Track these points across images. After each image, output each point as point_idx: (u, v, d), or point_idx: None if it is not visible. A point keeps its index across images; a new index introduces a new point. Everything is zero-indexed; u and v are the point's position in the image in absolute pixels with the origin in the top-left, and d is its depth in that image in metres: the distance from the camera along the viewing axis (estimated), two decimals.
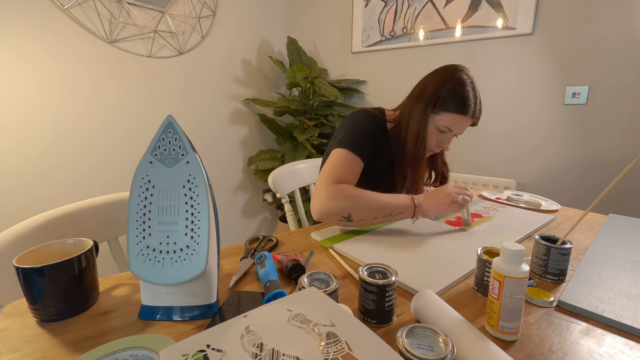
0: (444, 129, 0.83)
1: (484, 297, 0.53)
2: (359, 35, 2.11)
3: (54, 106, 1.47)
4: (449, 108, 0.81)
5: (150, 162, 0.46)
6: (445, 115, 0.82)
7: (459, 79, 0.81)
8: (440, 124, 0.83)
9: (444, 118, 0.82)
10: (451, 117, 0.81)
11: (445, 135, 0.85)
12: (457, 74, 0.81)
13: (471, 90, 0.81)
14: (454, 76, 0.81)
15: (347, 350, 0.30)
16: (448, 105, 0.81)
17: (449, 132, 0.84)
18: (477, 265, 0.54)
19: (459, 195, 0.79)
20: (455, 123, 0.82)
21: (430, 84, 0.83)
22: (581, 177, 1.54)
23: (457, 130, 0.84)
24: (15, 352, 0.40)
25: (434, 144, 0.86)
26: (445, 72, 0.83)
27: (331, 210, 0.73)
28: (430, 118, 0.83)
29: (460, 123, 0.82)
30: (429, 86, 0.83)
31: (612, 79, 1.42)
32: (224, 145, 2.17)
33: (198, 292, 0.47)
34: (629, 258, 0.64)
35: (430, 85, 0.83)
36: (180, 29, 1.83)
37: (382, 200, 0.75)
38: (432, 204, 0.78)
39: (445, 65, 0.85)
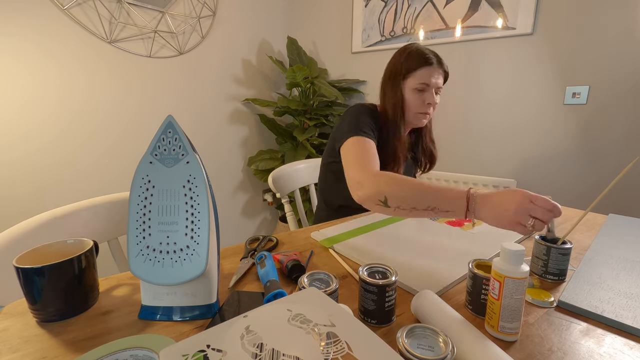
0: (420, 86, 0.91)
1: (478, 316, 0.48)
2: (359, 35, 2.11)
3: (53, 106, 1.47)
4: (414, 67, 0.90)
5: (150, 162, 0.46)
6: (414, 74, 0.91)
7: (412, 47, 0.93)
8: (414, 84, 0.91)
9: (414, 77, 0.91)
10: (419, 72, 0.90)
11: (426, 93, 0.92)
12: (409, 45, 0.94)
13: (426, 48, 0.93)
14: (406, 47, 0.94)
15: (347, 350, 0.30)
16: (411, 65, 0.90)
17: (427, 86, 0.91)
18: (471, 282, 0.49)
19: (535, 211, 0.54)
20: (426, 75, 0.90)
21: (391, 62, 0.96)
22: (581, 177, 1.54)
23: (432, 81, 0.91)
24: (15, 352, 0.40)
25: (421, 105, 0.93)
26: (399, 49, 0.96)
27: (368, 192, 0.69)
28: (404, 86, 0.93)
29: (430, 73, 0.90)
30: (390, 64, 0.96)
31: (612, 79, 1.42)
32: (224, 145, 2.17)
33: (198, 292, 0.47)
34: (629, 258, 0.64)
35: (391, 63, 0.96)
36: (180, 29, 1.83)
37: (427, 187, 0.63)
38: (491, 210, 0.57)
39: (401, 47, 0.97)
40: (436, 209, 0.62)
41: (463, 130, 1.84)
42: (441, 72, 0.92)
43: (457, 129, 1.85)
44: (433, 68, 0.90)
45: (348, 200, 0.91)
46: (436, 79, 0.91)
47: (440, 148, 1.89)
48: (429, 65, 0.90)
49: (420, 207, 0.63)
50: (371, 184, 0.70)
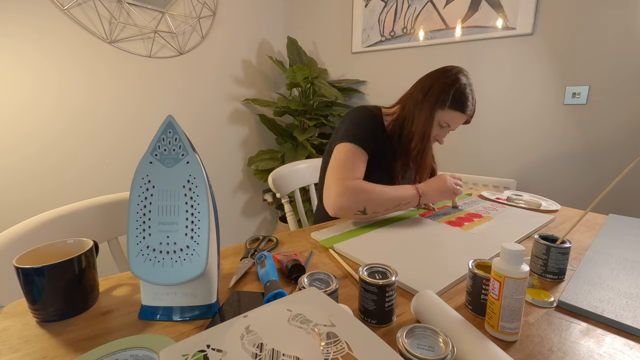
0: (444, 124, 0.91)
1: (478, 317, 0.48)
2: (359, 35, 2.11)
3: (52, 107, 1.47)
4: (453, 106, 0.88)
5: (150, 162, 0.46)
6: (449, 112, 0.89)
7: (463, 81, 0.90)
8: (442, 119, 0.90)
9: (447, 115, 0.90)
10: (453, 114, 0.90)
11: (443, 130, 0.94)
12: (461, 76, 0.90)
13: (471, 92, 0.91)
14: (459, 78, 0.89)
15: (347, 350, 0.30)
16: (453, 103, 0.88)
17: (447, 127, 0.92)
18: (471, 282, 0.49)
19: (457, 185, 0.91)
20: (455, 120, 0.91)
21: (437, 83, 0.89)
22: (581, 177, 1.54)
23: (455, 126, 0.93)
24: (15, 352, 0.40)
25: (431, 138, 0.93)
26: (451, 73, 0.90)
27: (347, 206, 0.79)
28: (436, 114, 0.90)
29: (459, 120, 0.92)
30: (436, 86, 0.89)
31: (612, 79, 1.42)
32: (224, 145, 2.17)
33: (198, 292, 0.47)
34: (629, 258, 0.64)
35: (437, 85, 0.89)
36: (180, 29, 1.83)
37: (392, 193, 0.82)
38: (435, 193, 0.88)
39: (449, 66, 0.92)
40: (400, 205, 0.84)
41: (463, 130, 1.84)
42: (467, 120, 0.94)
43: (458, 129, 1.85)
44: (465, 117, 0.91)
45: None
46: (459, 125, 0.93)
47: (441, 148, 1.90)
48: (464, 114, 0.90)
49: (390, 207, 0.82)
50: (348, 198, 0.79)
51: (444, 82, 0.88)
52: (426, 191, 0.87)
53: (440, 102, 0.88)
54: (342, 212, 0.79)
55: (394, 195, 0.82)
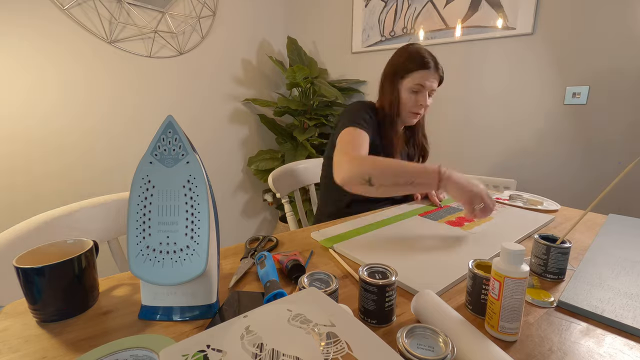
0: (415, 87, 0.96)
1: (478, 317, 0.48)
2: (359, 35, 2.11)
3: (52, 107, 1.47)
4: (412, 68, 0.95)
5: (150, 163, 0.46)
6: (411, 75, 0.96)
7: (412, 48, 0.98)
8: (410, 85, 0.96)
9: (411, 78, 0.96)
10: (416, 75, 0.95)
11: (420, 94, 0.97)
12: (411, 45, 0.99)
13: (425, 50, 0.97)
14: (407, 47, 0.99)
15: (347, 351, 0.30)
16: (410, 66, 0.95)
17: (422, 88, 0.96)
18: (471, 282, 0.49)
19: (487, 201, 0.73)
20: (422, 78, 0.95)
21: (391, 60, 1.01)
22: (581, 177, 1.54)
23: (427, 84, 0.96)
24: (15, 352, 0.40)
25: (414, 105, 0.98)
26: (401, 48, 1.00)
27: (353, 174, 0.77)
28: (401, 85, 0.98)
29: (426, 76, 0.95)
30: (390, 62, 1.01)
31: (612, 79, 1.42)
32: (224, 145, 2.17)
33: (198, 292, 0.47)
34: (629, 258, 0.64)
35: (391, 61, 1.01)
36: (180, 29, 1.83)
37: (404, 164, 0.78)
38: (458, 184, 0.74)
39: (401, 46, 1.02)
40: (414, 182, 0.74)
41: (463, 130, 1.84)
42: (437, 76, 0.98)
43: (458, 129, 1.86)
44: (429, 72, 0.95)
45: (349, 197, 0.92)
46: (431, 82, 0.96)
47: (441, 148, 1.90)
48: (426, 69, 0.95)
49: (401, 182, 0.75)
50: (355, 166, 0.78)
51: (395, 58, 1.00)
52: (451, 176, 0.74)
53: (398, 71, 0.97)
54: (349, 180, 0.78)
55: (407, 165, 0.77)
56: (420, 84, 0.96)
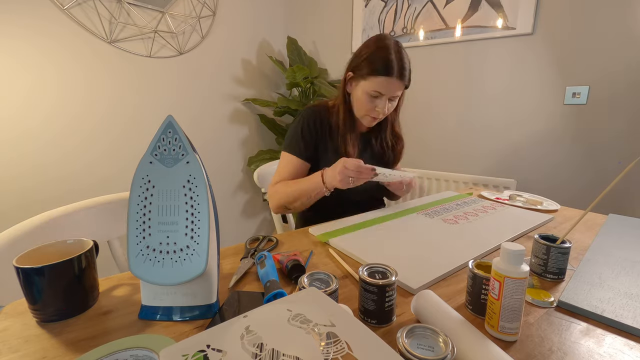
0: (374, 93, 0.86)
1: (478, 317, 0.48)
2: (359, 35, 2.11)
3: (53, 107, 1.47)
4: (373, 72, 0.84)
5: (150, 162, 0.46)
6: (371, 79, 0.85)
7: (381, 44, 0.85)
8: (369, 88, 0.86)
9: (371, 82, 0.85)
10: (376, 80, 0.84)
11: (379, 100, 0.87)
12: (379, 40, 0.86)
13: (393, 52, 0.84)
14: (376, 43, 0.86)
15: (347, 350, 0.30)
16: (371, 68, 0.84)
17: (381, 95, 0.86)
18: (471, 282, 0.49)
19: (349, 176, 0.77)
20: (382, 85, 0.85)
21: (356, 55, 0.90)
22: (581, 177, 1.54)
23: (386, 92, 0.86)
24: (15, 352, 0.40)
25: (371, 109, 0.89)
26: (370, 41, 0.88)
27: (275, 206, 0.93)
28: (360, 85, 0.88)
29: (386, 85, 0.84)
30: (354, 58, 0.90)
31: (612, 79, 1.42)
32: (224, 145, 2.17)
33: (198, 292, 0.47)
34: (629, 258, 0.64)
35: (356, 56, 0.90)
36: (180, 29, 1.83)
37: (300, 187, 0.88)
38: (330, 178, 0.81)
39: (373, 36, 0.90)
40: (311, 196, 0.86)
41: (463, 130, 1.84)
42: (401, 84, 0.86)
43: (457, 129, 1.85)
44: (391, 80, 0.84)
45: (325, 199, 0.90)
46: (392, 90, 0.86)
47: (441, 148, 1.90)
48: (389, 76, 0.83)
49: (304, 200, 0.87)
50: (272, 199, 0.93)
51: (362, 48, 0.88)
52: (325, 175, 0.83)
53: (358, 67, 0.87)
54: (275, 210, 0.95)
55: (301, 188, 0.87)
56: (378, 92, 0.85)
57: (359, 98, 0.89)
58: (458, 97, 1.82)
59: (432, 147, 1.95)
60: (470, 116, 1.80)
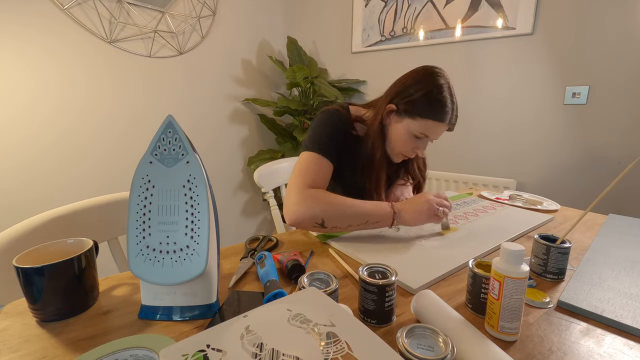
0: (420, 135, 0.80)
1: (479, 316, 0.48)
2: (359, 35, 2.11)
3: (53, 106, 1.47)
4: (426, 114, 0.77)
5: (150, 162, 0.46)
6: (421, 121, 0.78)
7: (437, 84, 0.77)
8: (415, 129, 0.79)
9: (420, 124, 0.78)
10: (427, 123, 0.78)
11: (421, 141, 0.82)
12: (434, 79, 0.78)
13: (448, 96, 0.78)
14: (431, 81, 0.78)
15: (347, 350, 0.30)
16: (425, 111, 0.77)
17: (425, 138, 0.81)
18: (471, 281, 0.49)
19: (440, 206, 0.73)
20: (431, 129, 0.79)
21: (405, 87, 0.80)
22: (581, 177, 1.54)
23: (432, 136, 0.81)
24: (15, 352, 0.40)
25: (409, 150, 0.83)
26: (423, 77, 0.79)
27: (304, 216, 0.70)
28: (405, 122, 0.80)
29: (435, 129, 0.80)
30: (404, 89, 0.80)
31: (612, 79, 1.42)
32: (224, 145, 2.17)
33: (198, 292, 0.47)
34: (629, 258, 0.64)
35: (406, 88, 0.80)
36: (180, 29, 1.83)
37: (359, 207, 0.72)
38: (411, 214, 0.73)
39: (423, 68, 0.81)
40: (368, 222, 0.72)
41: (463, 130, 1.84)
42: (448, 128, 0.82)
43: (457, 129, 1.85)
44: (443, 125, 0.79)
45: None
46: (438, 134, 0.82)
47: (441, 148, 1.90)
48: (441, 122, 0.78)
49: (354, 224, 0.72)
50: (306, 208, 0.71)
51: (414, 88, 0.79)
52: (401, 210, 0.73)
53: (409, 103, 0.78)
54: (299, 223, 0.71)
55: (361, 209, 0.71)
56: (425, 134, 0.80)
57: (399, 136, 0.81)
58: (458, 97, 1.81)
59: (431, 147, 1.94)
60: (469, 116, 1.80)
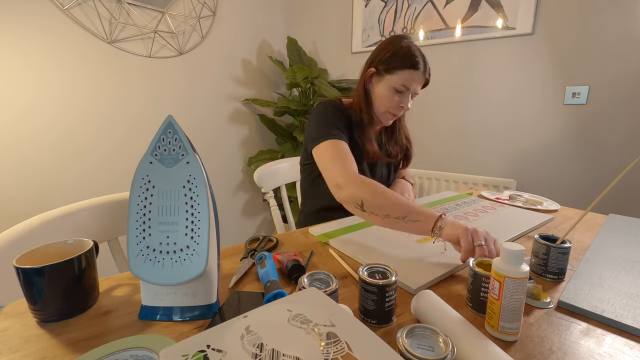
0: (400, 87, 0.87)
1: (479, 314, 0.48)
2: (359, 35, 2.11)
3: (53, 107, 1.47)
4: (399, 66, 0.86)
5: (150, 163, 0.46)
6: (397, 73, 0.87)
7: (403, 43, 0.88)
8: (396, 83, 0.87)
9: (398, 76, 0.87)
10: (404, 73, 0.86)
11: (404, 95, 0.89)
12: (401, 39, 0.90)
13: (416, 49, 0.88)
14: (398, 41, 0.89)
15: (347, 351, 0.30)
16: (397, 63, 0.86)
17: (406, 90, 0.88)
18: (471, 280, 0.49)
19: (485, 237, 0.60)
20: (409, 79, 0.87)
21: (376, 53, 0.91)
22: (581, 177, 1.54)
23: (412, 86, 0.88)
24: (15, 352, 0.40)
25: (395, 106, 0.90)
26: (392, 39, 0.91)
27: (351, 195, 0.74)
28: (383, 81, 0.89)
29: (413, 78, 0.87)
30: (376, 55, 0.91)
31: (612, 79, 1.42)
32: (224, 145, 2.17)
33: (198, 292, 0.47)
34: (629, 258, 0.64)
35: (377, 54, 0.91)
36: (180, 29, 1.83)
37: (403, 200, 0.70)
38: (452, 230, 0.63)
39: (391, 36, 0.94)
40: (406, 218, 0.67)
41: (463, 130, 1.84)
42: (423, 79, 0.90)
43: (457, 129, 1.85)
44: (418, 73, 0.87)
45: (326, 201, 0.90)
46: (417, 84, 0.89)
47: (441, 148, 1.90)
48: (416, 69, 0.86)
49: (392, 215, 0.68)
50: (350, 188, 0.75)
51: (384, 46, 0.90)
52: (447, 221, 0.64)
53: (382, 63, 0.88)
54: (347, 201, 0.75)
55: (405, 202, 0.69)
56: (405, 85, 0.87)
57: (383, 94, 0.89)
58: (458, 97, 1.82)
59: (432, 147, 1.95)
60: (469, 116, 1.80)
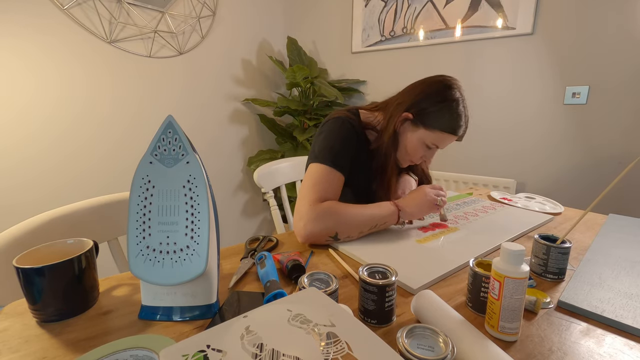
0: (432, 145, 0.82)
1: (479, 314, 0.48)
2: (359, 35, 2.11)
3: (53, 106, 1.47)
4: (442, 127, 0.79)
5: (150, 163, 0.46)
6: (437, 133, 0.79)
7: (454, 98, 0.79)
8: (429, 140, 0.81)
9: (435, 135, 0.80)
10: (442, 135, 0.80)
11: (431, 151, 0.84)
12: (452, 92, 0.79)
13: (463, 109, 0.80)
14: (450, 95, 0.79)
15: (347, 351, 0.30)
16: (440, 124, 0.79)
17: (435, 148, 0.83)
18: (471, 280, 0.49)
19: (438, 196, 0.80)
20: (444, 141, 0.81)
21: (420, 97, 0.80)
22: (581, 177, 1.54)
23: (442, 146, 0.84)
24: (15, 352, 0.40)
25: (418, 158, 0.85)
26: (442, 89, 0.80)
27: (317, 233, 0.70)
28: (419, 132, 0.81)
29: (447, 141, 0.82)
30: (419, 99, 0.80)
31: (612, 79, 1.42)
32: (224, 145, 2.17)
33: (198, 292, 0.47)
34: (629, 258, 0.64)
35: (420, 98, 0.80)
36: (180, 29, 1.83)
37: (367, 213, 0.73)
38: (414, 208, 0.77)
39: (440, 79, 0.81)
40: (377, 225, 0.75)
41: None
42: (458, 139, 0.84)
43: None
44: (455, 137, 0.82)
45: None
46: (446, 145, 0.84)
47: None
48: (453, 135, 0.81)
49: (365, 229, 0.74)
50: (318, 223, 0.70)
51: (432, 95, 0.80)
52: (404, 206, 0.76)
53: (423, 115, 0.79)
54: (312, 239, 0.71)
55: (369, 214, 0.73)
56: (437, 145, 0.82)
57: (412, 145, 0.82)
58: None
59: None
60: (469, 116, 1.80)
